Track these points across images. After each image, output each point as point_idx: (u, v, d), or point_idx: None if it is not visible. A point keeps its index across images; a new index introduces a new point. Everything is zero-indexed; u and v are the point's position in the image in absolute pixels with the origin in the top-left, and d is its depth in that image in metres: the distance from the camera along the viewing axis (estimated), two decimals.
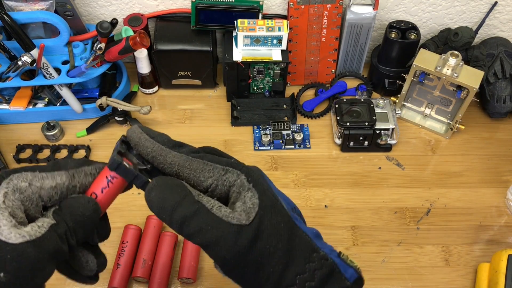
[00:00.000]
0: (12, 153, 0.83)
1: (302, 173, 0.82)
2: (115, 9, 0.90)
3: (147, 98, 0.93)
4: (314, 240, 0.38)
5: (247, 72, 0.86)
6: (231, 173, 0.38)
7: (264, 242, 0.35)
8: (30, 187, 0.36)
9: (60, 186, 0.37)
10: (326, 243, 0.39)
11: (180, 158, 0.39)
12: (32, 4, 0.78)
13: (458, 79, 0.78)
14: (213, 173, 0.38)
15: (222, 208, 0.36)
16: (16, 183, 0.35)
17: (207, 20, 0.85)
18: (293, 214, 0.39)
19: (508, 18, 0.91)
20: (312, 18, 0.86)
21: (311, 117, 0.89)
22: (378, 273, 0.72)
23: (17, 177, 0.36)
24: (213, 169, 0.38)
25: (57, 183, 0.37)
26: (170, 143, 0.40)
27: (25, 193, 0.35)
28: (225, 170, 0.39)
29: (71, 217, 0.36)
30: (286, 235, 0.36)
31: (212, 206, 0.36)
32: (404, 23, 0.86)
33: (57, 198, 0.37)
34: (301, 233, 0.37)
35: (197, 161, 0.39)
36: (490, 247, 0.74)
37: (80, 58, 0.83)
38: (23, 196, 0.35)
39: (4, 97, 0.87)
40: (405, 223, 0.77)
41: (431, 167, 0.84)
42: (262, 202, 0.37)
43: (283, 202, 0.38)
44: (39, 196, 0.36)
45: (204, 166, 0.38)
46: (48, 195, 0.37)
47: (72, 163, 0.39)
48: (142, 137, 0.39)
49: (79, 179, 0.38)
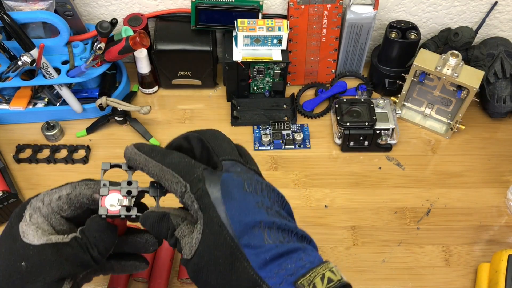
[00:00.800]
0: (12, 153, 0.83)
1: (302, 173, 0.82)
2: (115, 9, 0.90)
3: (147, 98, 0.93)
4: (260, 271, 0.36)
5: (247, 72, 0.86)
6: (187, 194, 0.39)
7: (205, 275, 0.37)
8: (43, 204, 0.44)
9: (63, 196, 0.45)
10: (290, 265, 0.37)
11: (156, 168, 0.41)
12: (32, 4, 0.78)
13: (458, 79, 0.78)
14: (178, 187, 0.40)
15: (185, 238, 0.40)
16: (35, 204, 0.45)
17: (207, 20, 0.85)
18: (245, 239, 0.36)
19: (508, 18, 0.91)
20: (312, 18, 0.86)
21: (311, 117, 0.89)
22: (378, 273, 0.72)
23: (35, 199, 0.45)
24: (178, 183, 0.40)
25: (61, 194, 0.45)
26: (158, 153, 0.42)
27: (42, 210, 0.45)
28: (184, 188, 0.39)
29: (89, 233, 0.44)
30: (227, 269, 0.36)
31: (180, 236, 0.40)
32: (404, 23, 0.86)
33: (66, 207, 0.46)
34: (244, 266, 0.36)
35: (168, 171, 0.40)
36: (490, 247, 0.74)
37: (80, 58, 0.82)
38: (42, 212, 0.44)
39: (4, 97, 0.87)
40: (405, 223, 0.77)
41: (431, 167, 0.84)
42: (204, 237, 0.37)
43: (232, 227, 0.36)
44: (52, 209, 0.45)
45: (173, 178, 0.40)
46: (58, 206, 0.45)
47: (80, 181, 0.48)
48: (132, 152, 0.43)
49: (80, 190, 0.46)
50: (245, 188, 0.39)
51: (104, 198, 0.43)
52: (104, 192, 0.43)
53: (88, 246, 0.44)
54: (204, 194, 0.38)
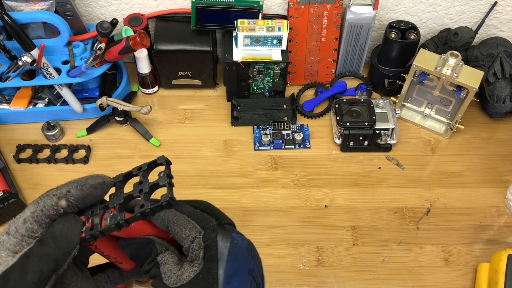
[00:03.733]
0: (12, 153, 0.83)
1: (302, 173, 0.82)
2: (115, 9, 0.90)
3: (147, 98, 0.93)
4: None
5: (247, 72, 0.86)
6: (198, 240, 0.40)
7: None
8: (9, 235, 0.39)
9: (28, 217, 0.40)
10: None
11: (169, 214, 0.41)
12: (32, 4, 0.78)
13: (458, 79, 0.78)
14: (191, 233, 0.40)
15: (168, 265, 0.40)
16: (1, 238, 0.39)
17: (207, 20, 0.85)
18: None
19: (507, 18, 0.91)
20: (312, 18, 0.86)
21: (311, 117, 0.89)
22: (378, 273, 0.72)
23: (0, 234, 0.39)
24: (192, 229, 0.40)
25: (25, 217, 0.40)
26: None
27: (8, 243, 0.39)
28: (198, 233, 0.40)
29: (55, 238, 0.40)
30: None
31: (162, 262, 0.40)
32: (404, 23, 0.86)
33: (36, 227, 0.40)
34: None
35: (183, 217, 0.41)
36: (490, 247, 0.75)
37: (80, 58, 0.83)
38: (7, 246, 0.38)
39: (4, 97, 0.87)
40: (405, 223, 0.77)
41: (431, 167, 0.84)
42: (195, 280, 0.38)
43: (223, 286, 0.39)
44: (21, 236, 0.39)
45: (187, 223, 0.41)
46: (27, 230, 0.40)
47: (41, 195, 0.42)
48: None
49: (44, 203, 0.40)
50: (247, 252, 0.41)
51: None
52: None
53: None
54: (213, 245, 0.39)
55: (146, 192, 0.39)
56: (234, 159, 0.84)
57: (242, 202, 0.79)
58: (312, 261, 0.73)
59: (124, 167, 0.82)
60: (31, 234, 0.39)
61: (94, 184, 0.41)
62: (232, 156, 0.84)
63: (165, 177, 0.40)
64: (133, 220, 0.39)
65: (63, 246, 0.38)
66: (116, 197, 0.40)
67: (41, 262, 0.37)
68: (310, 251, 0.74)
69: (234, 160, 0.84)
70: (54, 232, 0.39)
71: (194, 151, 0.85)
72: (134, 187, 0.41)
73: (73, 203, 0.40)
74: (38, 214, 0.40)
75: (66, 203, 0.40)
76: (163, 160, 0.42)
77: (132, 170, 0.42)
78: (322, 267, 0.72)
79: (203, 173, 0.82)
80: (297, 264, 0.73)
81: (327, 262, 0.73)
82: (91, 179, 0.41)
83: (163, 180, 0.40)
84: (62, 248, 0.38)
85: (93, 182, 0.41)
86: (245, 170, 0.82)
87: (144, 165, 0.42)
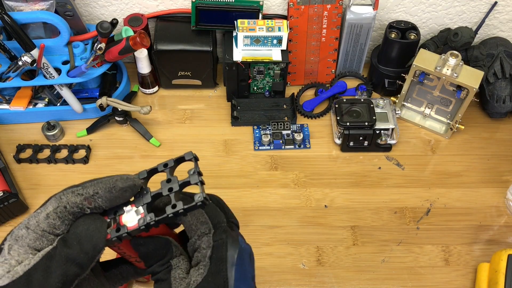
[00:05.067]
0: (12, 153, 0.83)
1: (302, 173, 0.82)
2: (115, 9, 0.90)
3: (147, 98, 0.93)
4: None
5: (247, 72, 0.86)
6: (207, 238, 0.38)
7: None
8: (29, 230, 0.37)
9: (51, 213, 0.38)
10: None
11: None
12: (32, 4, 0.78)
13: (458, 79, 0.78)
14: (202, 227, 0.39)
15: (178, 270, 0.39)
16: (17, 232, 0.37)
17: (207, 20, 0.85)
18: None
19: (508, 18, 0.91)
20: (312, 18, 0.86)
21: (311, 117, 0.89)
22: (378, 273, 0.72)
23: (18, 228, 0.38)
24: (204, 224, 0.39)
25: (48, 212, 0.38)
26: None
27: (28, 238, 0.37)
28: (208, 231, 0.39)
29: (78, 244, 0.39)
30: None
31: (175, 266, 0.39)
32: (404, 23, 0.86)
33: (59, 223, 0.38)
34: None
35: (199, 210, 0.39)
36: (490, 247, 0.75)
37: (80, 58, 0.83)
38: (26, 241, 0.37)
39: (4, 97, 0.87)
40: (405, 223, 0.77)
41: (431, 167, 0.84)
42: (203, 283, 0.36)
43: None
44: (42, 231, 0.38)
45: (201, 216, 0.39)
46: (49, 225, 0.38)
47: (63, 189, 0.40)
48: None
49: (68, 199, 0.39)
50: (250, 259, 0.40)
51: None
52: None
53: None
54: (223, 246, 0.38)
55: (177, 191, 0.37)
56: (234, 159, 0.84)
57: (242, 202, 0.79)
58: (312, 261, 0.73)
59: (124, 167, 0.82)
60: (53, 230, 0.38)
61: (124, 187, 0.39)
62: (232, 156, 0.84)
63: (196, 175, 0.38)
64: (164, 221, 0.37)
65: (88, 250, 0.36)
66: (143, 196, 0.38)
67: (66, 266, 0.35)
68: (310, 251, 0.74)
69: (234, 160, 0.84)
70: (79, 233, 0.37)
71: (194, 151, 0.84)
72: (162, 185, 0.38)
73: (100, 205, 0.38)
74: (61, 210, 0.38)
75: (93, 204, 0.38)
76: (191, 156, 0.40)
77: (158, 166, 0.39)
78: (322, 267, 0.72)
79: (203, 173, 0.82)
80: (297, 264, 0.73)
81: (327, 262, 0.73)
82: (121, 181, 0.39)
83: (194, 179, 0.38)
84: (87, 253, 0.36)
85: (123, 185, 0.39)
86: (245, 170, 0.82)
87: (170, 161, 0.40)
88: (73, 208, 0.38)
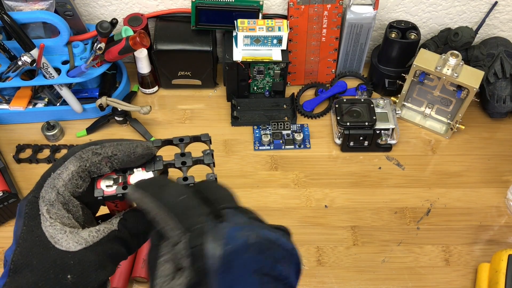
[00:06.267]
0: (12, 153, 0.83)
1: (302, 173, 0.82)
2: (115, 9, 0.90)
3: (147, 98, 0.93)
4: None
5: (247, 72, 0.86)
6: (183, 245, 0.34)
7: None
8: (58, 193, 0.38)
9: (74, 173, 0.38)
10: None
11: (151, 205, 0.36)
12: (32, 4, 0.78)
13: (458, 79, 0.78)
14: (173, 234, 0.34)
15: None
16: (49, 196, 0.38)
17: (207, 20, 0.85)
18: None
19: (508, 18, 0.91)
20: (312, 18, 0.86)
21: (311, 117, 0.89)
22: (378, 273, 0.72)
23: (44, 191, 0.38)
24: (172, 230, 0.34)
25: (70, 172, 0.38)
26: (155, 186, 0.36)
27: (59, 200, 0.38)
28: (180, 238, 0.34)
29: (136, 227, 0.39)
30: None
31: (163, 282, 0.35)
32: (404, 23, 0.86)
33: (81, 182, 0.39)
34: None
35: (164, 211, 0.35)
36: (490, 247, 0.74)
37: (80, 58, 0.82)
38: (60, 204, 0.38)
39: (4, 97, 0.87)
40: (405, 223, 0.77)
41: (431, 167, 0.84)
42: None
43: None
44: (69, 193, 0.38)
45: (168, 219, 0.35)
46: (73, 186, 0.38)
47: (78, 146, 0.40)
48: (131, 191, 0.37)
49: (88, 157, 0.39)
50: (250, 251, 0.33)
51: (99, 181, 0.39)
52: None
53: (129, 241, 0.39)
54: (201, 254, 0.32)
55: (189, 166, 0.39)
56: (234, 159, 0.84)
57: (242, 202, 0.78)
58: (312, 261, 0.73)
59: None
60: (76, 189, 0.38)
61: (143, 154, 0.39)
62: (232, 156, 0.84)
63: (211, 156, 0.40)
64: None
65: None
66: (155, 162, 0.39)
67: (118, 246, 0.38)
68: (310, 251, 0.74)
69: (234, 160, 0.84)
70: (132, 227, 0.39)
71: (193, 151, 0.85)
72: (176, 157, 0.40)
73: (114, 166, 0.39)
74: (82, 170, 0.38)
75: (108, 164, 0.39)
76: (207, 138, 0.41)
77: (173, 139, 0.41)
78: (322, 267, 0.72)
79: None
80: None
81: (327, 262, 0.72)
82: (141, 148, 0.39)
83: (208, 159, 0.40)
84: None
85: (143, 152, 0.39)
86: (245, 170, 0.82)
87: (186, 137, 0.41)
88: (91, 167, 0.39)
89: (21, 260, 0.35)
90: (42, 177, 0.39)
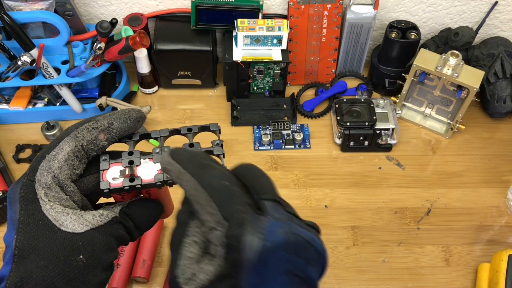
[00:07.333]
0: (11, 153, 0.83)
1: (302, 173, 0.82)
2: (115, 9, 0.90)
3: (147, 98, 0.93)
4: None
5: (247, 72, 0.86)
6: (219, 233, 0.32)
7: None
8: (53, 175, 0.37)
9: (70, 153, 0.38)
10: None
11: (189, 184, 0.34)
12: (32, 3, 0.78)
13: (459, 79, 0.78)
14: (209, 218, 0.33)
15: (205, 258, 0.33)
16: (44, 179, 0.36)
17: (207, 20, 0.85)
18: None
19: (508, 18, 0.91)
20: (312, 18, 0.86)
21: (311, 117, 0.89)
22: (378, 273, 0.72)
23: (40, 174, 0.37)
24: (210, 215, 0.32)
25: (65, 153, 0.37)
26: (196, 164, 0.35)
27: (55, 182, 0.37)
28: (217, 225, 0.32)
29: (139, 217, 0.40)
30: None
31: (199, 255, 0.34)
32: (405, 22, 0.86)
33: (77, 163, 0.38)
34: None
35: (202, 194, 0.33)
36: (491, 247, 0.74)
37: (80, 58, 0.82)
38: (57, 186, 0.37)
39: (3, 97, 0.86)
40: (405, 223, 0.77)
41: (431, 167, 0.84)
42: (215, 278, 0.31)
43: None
44: (65, 175, 0.37)
45: (206, 204, 0.33)
46: (69, 167, 0.38)
47: (73, 126, 0.39)
48: (165, 161, 0.36)
49: (83, 136, 0.38)
50: (285, 251, 0.31)
51: (105, 172, 0.38)
52: (105, 166, 0.38)
53: (132, 228, 0.39)
54: (238, 247, 0.30)
55: None
56: (234, 159, 0.84)
57: None
58: None
59: None
60: (73, 171, 0.38)
61: (137, 117, 0.40)
62: (232, 156, 0.84)
63: (220, 146, 0.40)
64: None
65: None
66: (164, 153, 0.39)
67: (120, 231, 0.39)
68: None
69: (234, 160, 0.84)
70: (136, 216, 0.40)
71: None
72: (184, 147, 0.39)
73: (113, 137, 0.39)
74: (78, 149, 0.38)
75: (106, 137, 0.39)
76: (216, 128, 0.41)
77: (181, 129, 0.41)
78: None
79: None
80: None
81: None
82: (134, 111, 0.40)
83: (217, 150, 0.40)
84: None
85: (137, 115, 0.40)
86: None
87: (195, 127, 0.41)
88: (89, 145, 0.38)
89: (26, 244, 0.34)
90: (35, 159, 0.38)
